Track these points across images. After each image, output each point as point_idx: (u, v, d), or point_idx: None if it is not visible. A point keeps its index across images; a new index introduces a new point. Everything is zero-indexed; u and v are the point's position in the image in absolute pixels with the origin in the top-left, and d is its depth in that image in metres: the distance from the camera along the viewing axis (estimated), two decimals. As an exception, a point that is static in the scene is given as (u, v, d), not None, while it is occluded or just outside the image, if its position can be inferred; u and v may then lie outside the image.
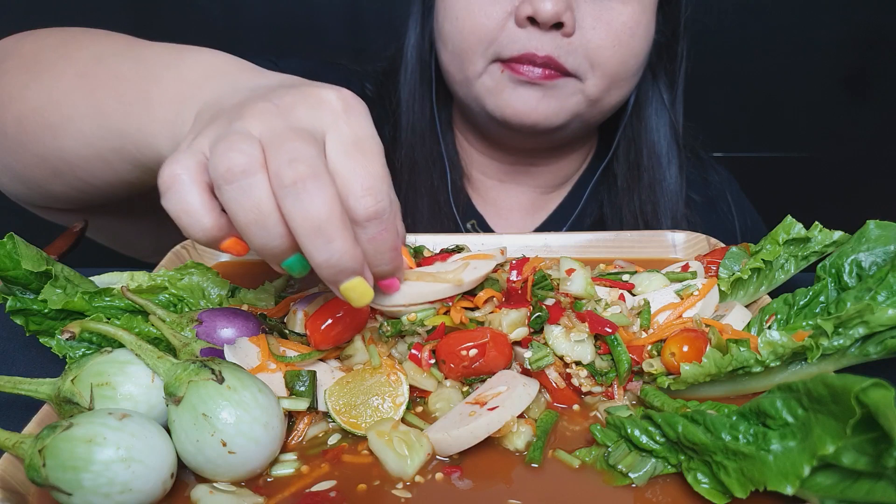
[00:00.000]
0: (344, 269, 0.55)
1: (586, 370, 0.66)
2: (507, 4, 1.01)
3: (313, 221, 0.53)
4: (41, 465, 0.51)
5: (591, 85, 1.04)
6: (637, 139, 1.19)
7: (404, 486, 0.57)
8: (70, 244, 1.03)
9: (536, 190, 1.25)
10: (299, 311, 0.70)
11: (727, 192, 1.30)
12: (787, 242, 0.79)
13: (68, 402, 0.58)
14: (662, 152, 1.18)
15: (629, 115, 1.19)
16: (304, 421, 0.63)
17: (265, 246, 0.55)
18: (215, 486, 0.55)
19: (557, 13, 0.97)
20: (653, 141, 1.18)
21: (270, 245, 0.55)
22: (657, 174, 1.18)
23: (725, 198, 1.29)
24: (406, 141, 1.18)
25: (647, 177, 1.18)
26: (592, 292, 0.73)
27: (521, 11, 0.98)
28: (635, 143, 1.19)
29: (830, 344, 0.64)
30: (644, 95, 1.19)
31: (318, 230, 0.53)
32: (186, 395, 0.55)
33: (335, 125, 0.58)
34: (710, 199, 1.27)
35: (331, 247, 0.54)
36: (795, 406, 0.51)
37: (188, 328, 0.67)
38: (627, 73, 1.07)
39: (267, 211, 0.53)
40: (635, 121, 1.19)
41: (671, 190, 1.19)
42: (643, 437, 0.58)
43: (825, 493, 0.50)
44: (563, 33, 1.00)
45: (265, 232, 0.54)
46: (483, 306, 0.70)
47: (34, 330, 0.71)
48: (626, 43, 1.03)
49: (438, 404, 0.65)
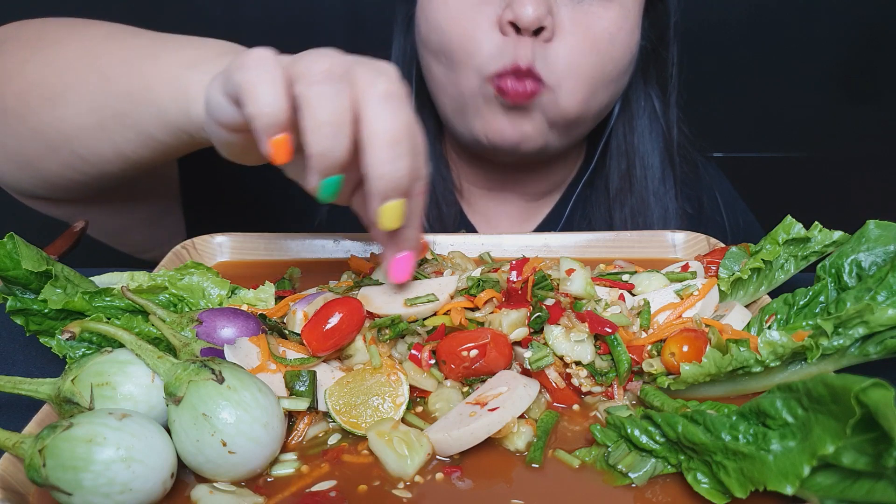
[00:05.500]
0: (401, 186, 0.59)
1: (586, 370, 0.67)
2: (491, 13, 0.99)
3: (393, 134, 0.57)
4: (41, 465, 0.51)
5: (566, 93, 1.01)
6: (629, 149, 1.17)
7: (404, 486, 0.57)
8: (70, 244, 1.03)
9: (525, 198, 1.23)
10: (299, 311, 0.70)
11: (716, 192, 1.29)
12: (786, 242, 0.79)
13: (68, 402, 0.58)
14: (654, 162, 1.17)
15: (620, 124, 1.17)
16: (304, 421, 0.63)
17: (327, 151, 0.57)
18: (215, 486, 0.55)
19: (539, 18, 0.95)
20: (644, 150, 1.16)
21: (332, 152, 0.57)
22: (649, 184, 1.17)
23: (714, 198, 1.28)
24: None
25: (638, 186, 1.16)
26: (592, 292, 0.73)
27: (504, 17, 0.97)
28: (627, 153, 1.17)
29: (830, 344, 0.64)
30: (635, 104, 1.17)
31: (395, 143, 0.57)
32: (186, 395, 0.55)
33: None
34: (698, 200, 1.26)
35: (398, 163, 0.58)
36: (795, 406, 0.51)
37: (188, 328, 0.67)
38: (606, 78, 1.04)
39: (346, 117, 0.57)
40: (626, 130, 1.17)
41: (662, 198, 1.19)
42: (643, 437, 0.58)
43: (825, 493, 0.50)
44: (543, 39, 0.98)
45: (335, 136, 0.56)
46: (483, 307, 0.70)
47: (34, 330, 0.71)
48: (605, 49, 1.01)
49: (438, 404, 0.65)
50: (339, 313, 0.65)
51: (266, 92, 0.57)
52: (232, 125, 0.65)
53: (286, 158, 0.59)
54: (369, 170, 0.59)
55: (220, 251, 0.95)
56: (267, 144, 0.59)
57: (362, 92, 0.58)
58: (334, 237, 0.95)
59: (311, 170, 0.59)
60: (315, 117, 0.56)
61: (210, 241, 0.95)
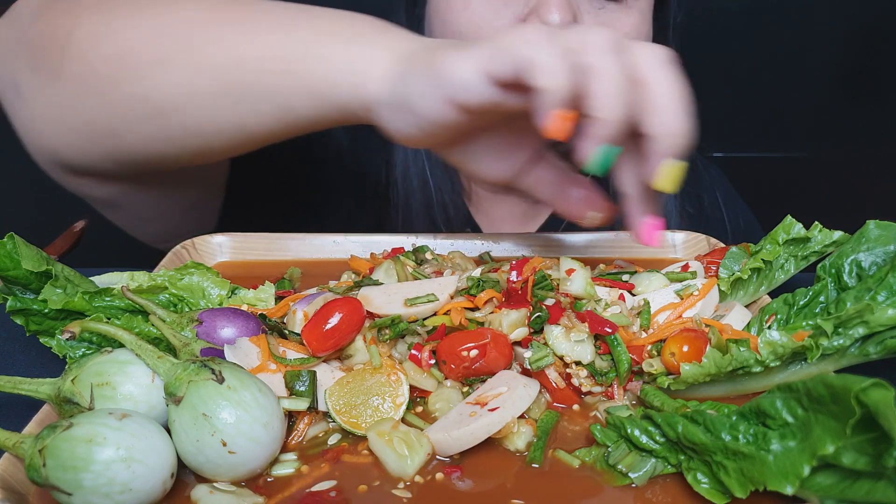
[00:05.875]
0: (684, 146, 0.62)
1: (586, 370, 0.67)
2: (512, 17, 1.00)
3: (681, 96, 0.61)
4: (41, 465, 0.51)
5: None
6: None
7: (404, 486, 0.57)
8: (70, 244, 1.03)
9: (529, 199, 1.23)
10: (299, 311, 0.70)
11: (717, 192, 1.29)
12: (786, 242, 0.79)
13: (68, 402, 0.58)
14: None
15: None
16: (304, 421, 0.63)
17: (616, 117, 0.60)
18: (215, 486, 0.55)
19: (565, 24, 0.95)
20: None
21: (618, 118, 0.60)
22: None
23: (715, 198, 1.28)
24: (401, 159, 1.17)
25: None
26: (592, 292, 0.73)
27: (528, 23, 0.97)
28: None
29: (830, 344, 0.64)
30: None
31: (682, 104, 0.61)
32: (186, 395, 0.55)
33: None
34: (699, 200, 1.26)
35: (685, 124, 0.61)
36: (795, 406, 0.51)
37: (188, 328, 0.67)
38: None
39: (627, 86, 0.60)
40: None
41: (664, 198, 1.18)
42: (643, 437, 0.58)
43: (825, 493, 0.50)
44: None
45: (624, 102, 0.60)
46: (483, 307, 0.70)
47: (34, 330, 0.71)
48: None
49: (438, 404, 0.65)
50: (339, 313, 0.65)
51: (558, 66, 0.59)
52: (476, 105, 0.65)
53: (567, 135, 0.61)
54: (658, 129, 0.61)
55: (220, 251, 0.95)
56: (553, 118, 0.60)
57: (644, 59, 0.61)
58: (334, 237, 0.95)
59: (595, 137, 0.61)
60: (606, 84, 0.59)
61: (210, 241, 0.95)
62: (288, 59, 0.74)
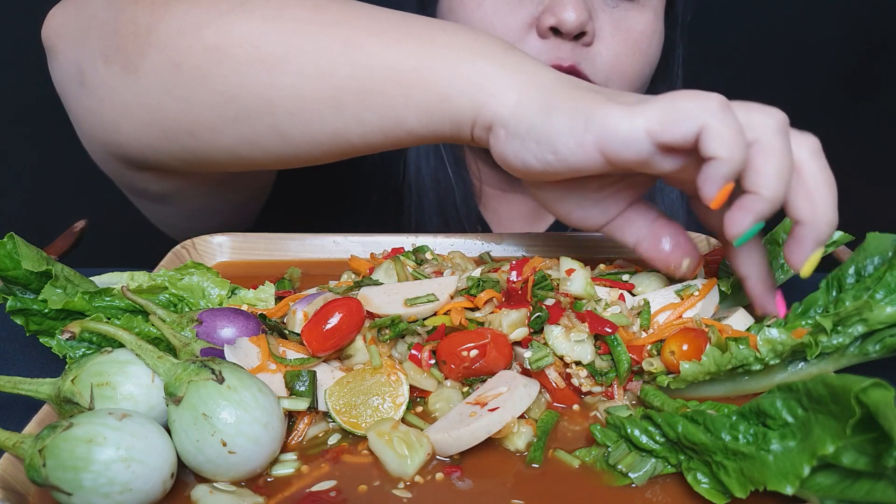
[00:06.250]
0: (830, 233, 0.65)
1: (586, 370, 0.67)
2: (526, 16, 1.00)
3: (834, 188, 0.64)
4: (41, 465, 0.51)
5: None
6: None
7: (404, 486, 0.57)
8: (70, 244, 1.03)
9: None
10: (299, 311, 0.70)
11: None
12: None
13: (68, 402, 0.58)
14: None
15: None
16: (304, 421, 0.63)
17: (778, 198, 0.61)
18: (215, 486, 0.55)
19: (582, 23, 0.96)
20: None
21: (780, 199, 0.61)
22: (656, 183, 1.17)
23: None
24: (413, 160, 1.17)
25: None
26: (592, 292, 0.73)
27: (544, 22, 0.98)
28: None
29: (829, 342, 0.65)
30: None
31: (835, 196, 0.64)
32: (186, 395, 0.55)
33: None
34: None
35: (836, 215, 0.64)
36: (795, 406, 0.51)
37: (188, 328, 0.67)
38: (644, 79, 1.07)
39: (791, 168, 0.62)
40: None
41: (664, 198, 1.19)
42: (643, 437, 0.58)
43: (825, 493, 0.50)
44: (583, 43, 1.00)
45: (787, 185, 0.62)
46: (483, 307, 0.70)
47: (34, 330, 0.71)
48: (645, 51, 1.04)
49: (438, 404, 0.65)
50: (339, 313, 0.65)
51: (740, 141, 0.60)
52: (628, 161, 0.62)
53: (720, 205, 0.62)
54: (815, 217, 0.63)
55: (220, 251, 0.95)
56: (724, 190, 0.61)
57: (804, 147, 0.64)
58: (334, 237, 0.96)
59: (753, 212, 0.61)
60: (776, 164, 0.61)
61: (210, 241, 0.95)
62: (405, 69, 0.70)
